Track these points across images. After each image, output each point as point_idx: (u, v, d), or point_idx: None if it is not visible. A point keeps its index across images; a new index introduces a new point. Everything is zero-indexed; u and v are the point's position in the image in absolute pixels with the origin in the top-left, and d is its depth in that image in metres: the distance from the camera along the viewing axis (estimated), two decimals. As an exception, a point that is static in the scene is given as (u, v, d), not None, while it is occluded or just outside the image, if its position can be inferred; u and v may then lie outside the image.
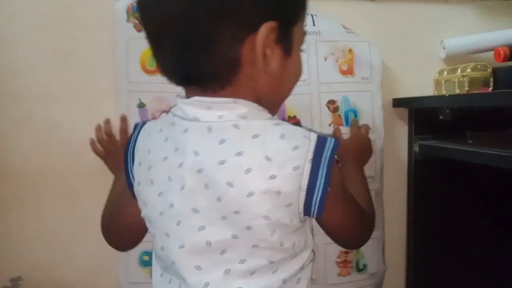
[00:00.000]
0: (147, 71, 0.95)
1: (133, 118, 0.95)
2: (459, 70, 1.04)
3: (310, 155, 0.54)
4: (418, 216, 1.09)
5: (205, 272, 0.56)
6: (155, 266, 0.65)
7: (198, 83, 0.57)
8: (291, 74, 0.62)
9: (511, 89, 0.94)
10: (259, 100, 0.58)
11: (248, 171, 0.53)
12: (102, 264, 1.02)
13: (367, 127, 0.96)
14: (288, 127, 0.57)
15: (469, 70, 1.02)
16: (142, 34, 0.91)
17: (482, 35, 1.12)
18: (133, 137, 0.64)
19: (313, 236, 0.63)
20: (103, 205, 0.78)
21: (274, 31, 0.55)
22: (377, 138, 0.97)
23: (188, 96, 0.59)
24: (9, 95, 0.98)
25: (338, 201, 0.61)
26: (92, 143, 0.96)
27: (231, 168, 0.53)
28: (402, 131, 1.12)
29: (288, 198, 0.54)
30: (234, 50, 0.54)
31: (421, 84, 1.13)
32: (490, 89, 1.00)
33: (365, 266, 0.98)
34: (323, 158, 0.55)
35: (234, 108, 0.56)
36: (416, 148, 1.07)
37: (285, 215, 0.55)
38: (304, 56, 0.92)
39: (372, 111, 0.97)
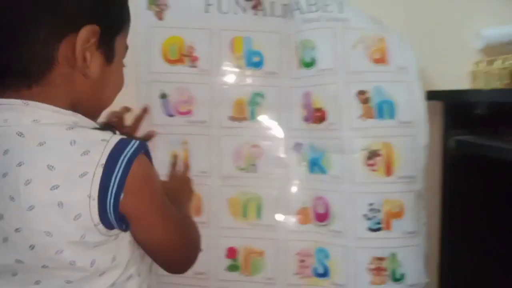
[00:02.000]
0: (169, 61, 0.93)
1: (156, 109, 0.94)
2: (499, 61, 0.98)
3: (103, 160, 0.50)
4: (453, 215, 1.04)
5: None
6: None
7: (1, 79, 0.53)
8: (111, 83, 0.61)
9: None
10: (76, 106, 0.56)
11: (28, 182, 0.49)
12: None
13: (186, 165, 0.93)
14: (84, 132, 0.53)
15: (510, 62, 0.95)
16: (163, 22, 0.92)
17: (522, 24, 1.07)
18: None
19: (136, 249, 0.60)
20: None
21: (95, 35, 0.54)
22: (418, 133, 0.90)
23: None
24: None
25: (157, 212, 0.58)
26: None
27: (12, 181, 0.50)
28: (434, 126, 1.04)
29: (74, 209, 0.50)
30: (51, 46, 0.52)
31: (455, 76, 1.08)
32: (531, 81, 0.93)
33: (402, 275, 0.90)
34: (119, 162, 0.51)
35: (24, 111, 0.52)
36: (452, 144, 1.02)
37: (72, 230, 0.51)
38: (329, 43, 0.91)
39: (411, 103, 0.90)
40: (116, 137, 0.53)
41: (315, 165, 0.93)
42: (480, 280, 1.02)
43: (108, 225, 0.52)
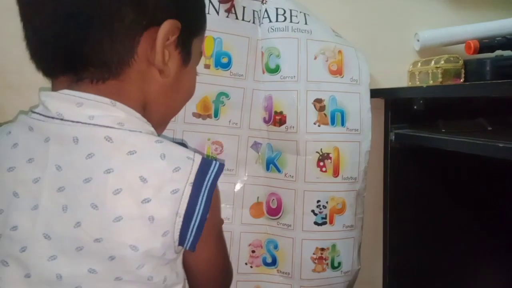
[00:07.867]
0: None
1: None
2: (433, 62, 1.12)
3: (192, 178, 0.51)
4: (394, 204, 1.17)
5: None
6: None
7: (77, 69, 0.51)
8: (184, 87, 0.61)
9: (480, 80, 1.03)
10: (145, 107, 0.55)
11: (117, 192, 0.48)
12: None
13: None
14: (171, 146, 0.53)
15: (442, 62, 1.09)
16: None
17: (454, 28, 1.21)
18: None
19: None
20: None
21: (176, 31, 0.54)
22: (363, 140, 1.03)
23: (55, 90, 0.53)
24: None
25: (213, 233, 0.58)
26: None
27: (97, 187, 0.48)
28: (376, 121, 1.17)
29: (164, 225, 0.50)
30: (133, 38, 0.51)
31: (395, 75, 1.21)
32: (461, 80, 1.09)
33: (339, 264, 1.05)
34: (205, 182, 0.51)
35: (110, 110, 0.50)
36: (392, 137, 1.14)
37: (158, 246, 0.50)
38: (295, 53, 0.98)
39: (360, 112, 1.02)
40: (199, 156, 0.53)
41: (271, 164, 1.03)
42: (419, 264, 1.18)
43: (182, 243, 0.52)
